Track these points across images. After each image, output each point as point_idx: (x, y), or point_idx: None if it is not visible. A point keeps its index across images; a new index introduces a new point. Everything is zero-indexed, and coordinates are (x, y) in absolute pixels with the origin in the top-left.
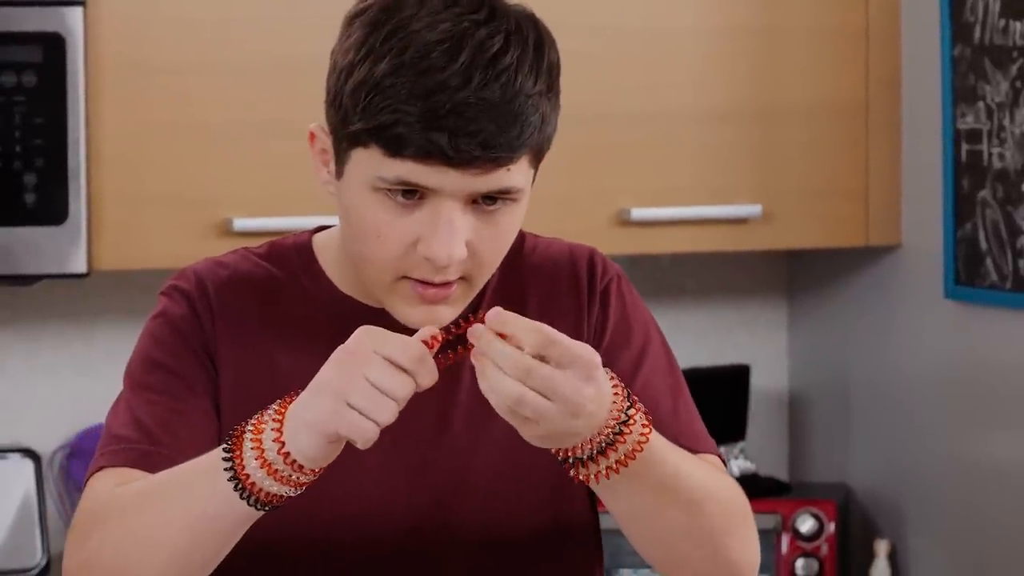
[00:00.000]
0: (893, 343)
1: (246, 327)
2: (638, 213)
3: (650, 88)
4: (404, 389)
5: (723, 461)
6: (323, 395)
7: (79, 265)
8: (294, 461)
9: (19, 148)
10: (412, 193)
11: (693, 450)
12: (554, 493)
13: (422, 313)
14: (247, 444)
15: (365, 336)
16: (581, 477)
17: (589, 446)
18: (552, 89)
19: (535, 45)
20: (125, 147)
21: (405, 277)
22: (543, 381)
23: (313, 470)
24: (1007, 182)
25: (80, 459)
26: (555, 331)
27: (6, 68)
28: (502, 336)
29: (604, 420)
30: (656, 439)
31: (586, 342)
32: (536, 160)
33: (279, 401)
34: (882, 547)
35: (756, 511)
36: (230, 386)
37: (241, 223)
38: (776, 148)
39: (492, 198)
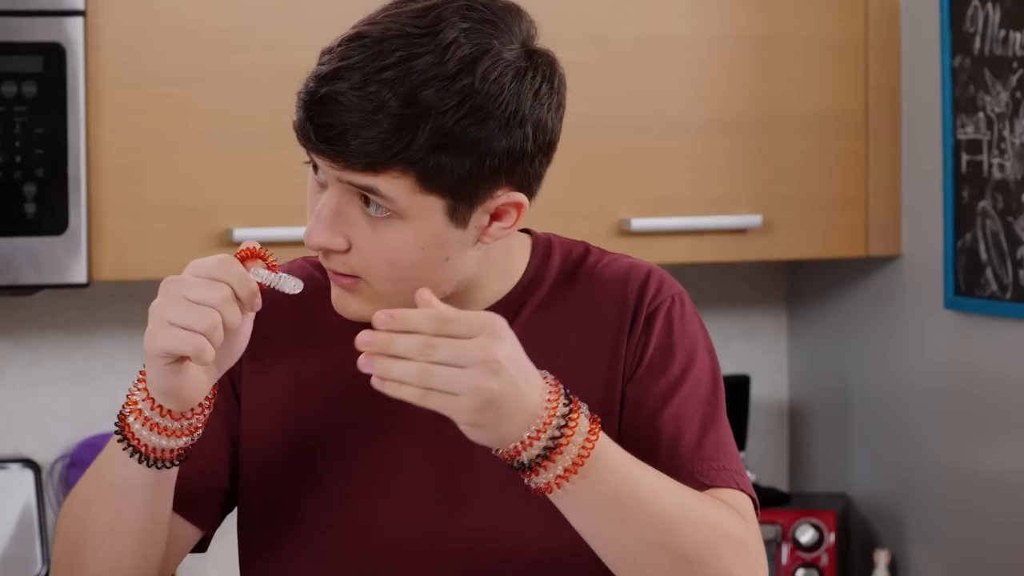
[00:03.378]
0: (893, 353)
1: (279, 337)
2: (638, 223)
3: (649, 98)
4: (216, 294)
5: (754, 502)
6: (151, 322)
7: (79, 275)
8: (161, 407)
9: (19, 158)
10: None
11: (706, 485)
12: (551, 566)
13: (334, 294)
14: (128, 410)
15: (187, 266)
16: (534, 486)
17: (532, 445)
18: (453, 116)
19: (454, 71)
20: (125, 157)
21: None
22: (449, 352)
23: (185, 413)
24: (1007, 192)
25: (80, 469)
26: (452, 309)
27: (6, 78)
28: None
29: (537, 406)
30: (613, 450)
31: (621, 364)
32: (428, 188)
33: (139, 378)
34: (882, 557)
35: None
36: (254, 398)
37: (241, 233)
38: (776, 158)
39: (376, 205)
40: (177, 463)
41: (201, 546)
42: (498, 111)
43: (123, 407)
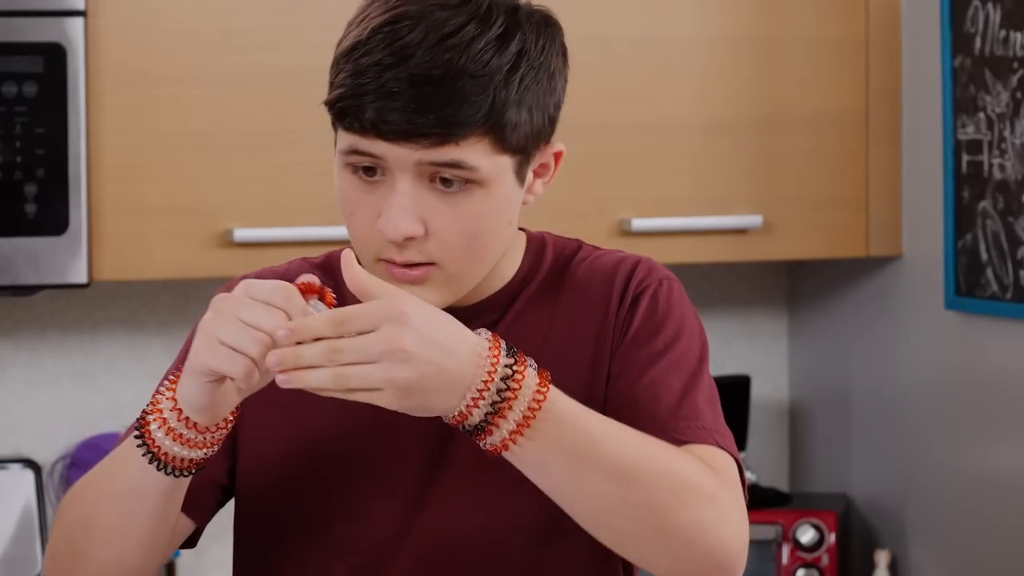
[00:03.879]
0: (893, 354)
1: None
2: (638, 223)
3: (650, 98)
4: (271, 320)
5: (738, 462)
6: (199, 338)
7: (80, 275)
8: (187, 418)
9: (20, 158)
10: (373, 171)
11: (682, 442)
12: (547, 540)
13: None
14: (152, 417)
15: (240, 286)
16: (489, 447)
17: (477, 406)
18: (519, 76)
19: (503, 32)
20: (126, 157)
21: (381, 259)
22: (355, 352)
23: (210, 427)
24: (1008, 193)
25: (80, 469)
26: (349, 307)
27: (7, 78)
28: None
29: (468, 373)
30: (566, 403)
31: (608, 343)
32: (505, 148)
33: (173, 374)
34: (882, 557)
35: (756, 522)
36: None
37: (241, 233)
38: (776, 158)
39: (449, 180)
40: (194, 472)
41: (191, 541)
42: (547, 63)
43: (145, 413)
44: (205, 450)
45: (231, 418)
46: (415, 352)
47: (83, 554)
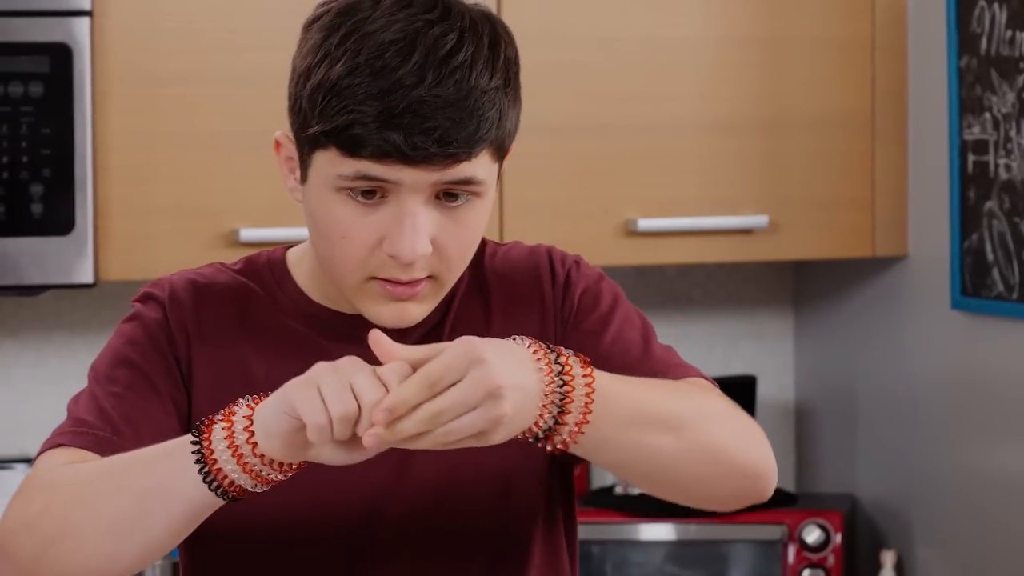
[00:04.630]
0: (900, 354)
1: (222, 336)
2: (644, 224)
3: (655, 99)
4: (373, 392)
5: (712, 382)
6: (303, 378)
7: (86, 275)
8: (255, 443)
9: (26, 158)
10: (372, 193)
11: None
12: (504, 491)
13: (391, 310)
14: (218, 428)
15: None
16: (558, 446)
17: (543, 418)
18: (509, 85)
19: (490, 42)
20: (132, 157)
21: (373, 278)
22: (454, 407)
23: (274, 464)
24: (1014, 193)
25: None
26: (429, 367)
27: (13, 78)
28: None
29: (537, 384)
30: (604, 377)
31: (555, 328)
32: (498, 155)
33: (253, 396)
34: (888, 558)
35: (762, 522)
36: (207, 393)
37: (247, 233)
38: (782, 159)
39: (454, 194)
40: (238, 499)
41: None
42: (519, 64)
43: (213, 426)
44: (257, 484)
45: (295, 466)
46: (503, 385)
47: (77, 535)
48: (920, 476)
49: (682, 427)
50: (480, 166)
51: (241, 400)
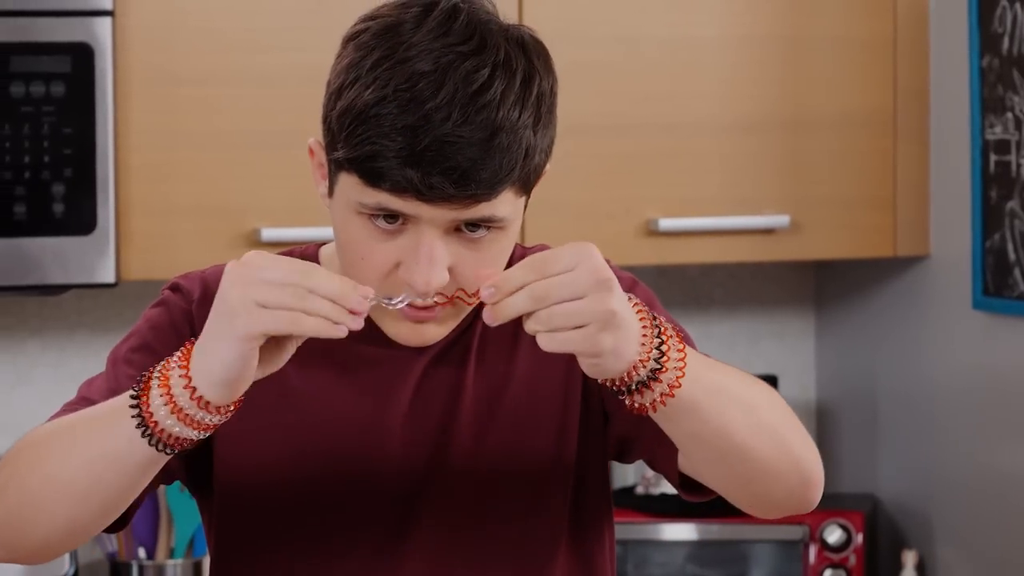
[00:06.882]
0: (921, 354)
1: None
2: (665, 224)
3: (677, 98)
4: (325, 279)
5: None
6: (237, 300)
7: (107, 275)
8: (200, 397)
9: (48, 158)
10: (394, 218)
11: None
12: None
13: (409, 329)
14: (154, 385)
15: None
16: (637, 406)
17: (643, 366)
18: (540, 121)
19: (523, 77)
20: (153, 157)
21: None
22: (564, 288)
23: (220, 408)
24: None
25: None
26: (541, 253)
27: (35, 78)
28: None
29: (636, 320)
30: (693, 352)
31: None
32: (524, 189)
33: (184, 345)
34: (910, 558)
35: (783, 522)
36: None
37: (269, 233)
38: (804, 158)
39: (475, 226)
40: (183, 450)
41: (123, 522)
42: (554, 99)
43: (149, 384)
44: (204, 433)
45: (234, 407)
46: (612, 278)
47: (36, 504)
48: (942, 476)
49: (757, 408)
50: (501, 205)
51: (174, 356)
